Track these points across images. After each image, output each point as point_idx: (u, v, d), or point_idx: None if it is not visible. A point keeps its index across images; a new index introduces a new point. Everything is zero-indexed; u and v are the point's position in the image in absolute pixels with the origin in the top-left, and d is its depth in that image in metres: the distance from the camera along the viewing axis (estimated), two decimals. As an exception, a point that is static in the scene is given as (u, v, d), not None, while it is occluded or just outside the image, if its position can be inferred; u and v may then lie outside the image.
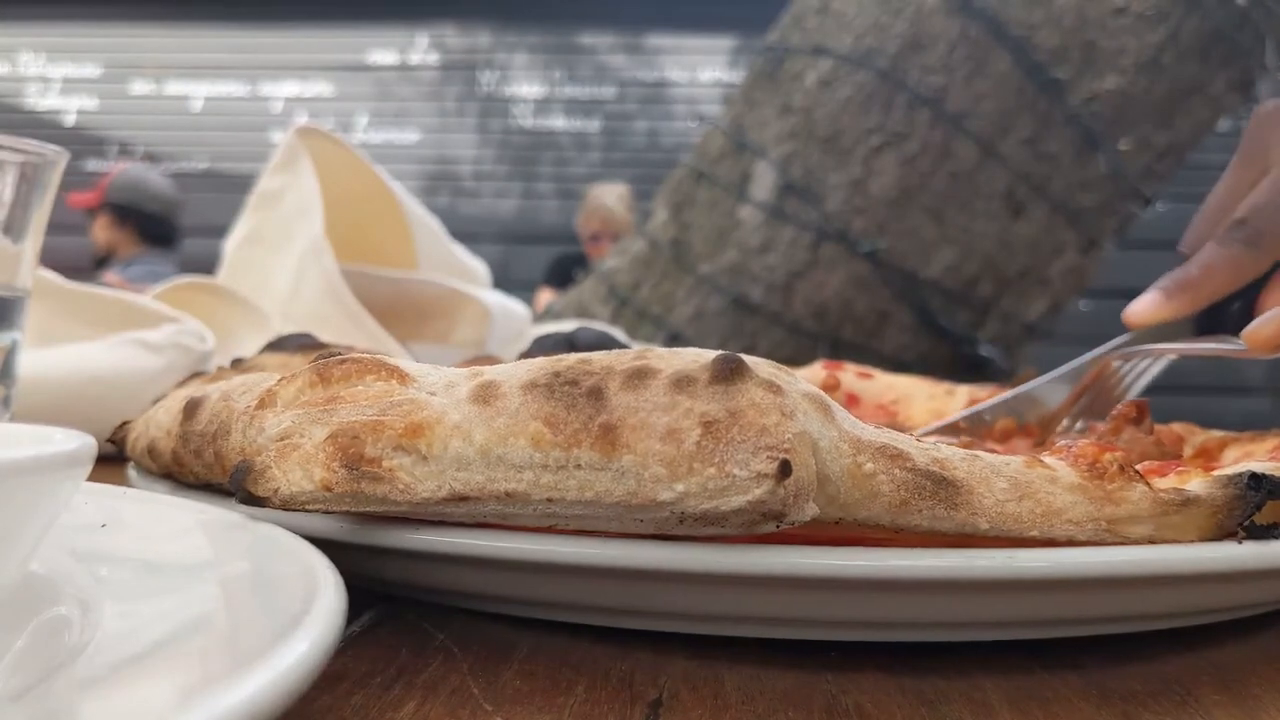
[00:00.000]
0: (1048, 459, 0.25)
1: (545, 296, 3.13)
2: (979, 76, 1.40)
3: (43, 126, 4.46)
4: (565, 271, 3.16)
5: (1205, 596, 0.26)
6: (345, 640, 0.25)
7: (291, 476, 0.24)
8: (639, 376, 0.22)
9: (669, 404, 0.21)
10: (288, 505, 0.24)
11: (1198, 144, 1.31)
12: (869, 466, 0.22)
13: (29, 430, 0.22)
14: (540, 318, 1.32)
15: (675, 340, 1.29)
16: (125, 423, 0.37)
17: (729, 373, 0.22)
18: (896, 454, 0.23)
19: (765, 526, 0.22)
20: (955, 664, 0.25)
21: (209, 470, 0.28)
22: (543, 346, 0.50)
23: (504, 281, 0.98)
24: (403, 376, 0.24)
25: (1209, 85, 1.41)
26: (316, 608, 0.18)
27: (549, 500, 0.22)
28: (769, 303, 1.49)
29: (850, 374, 0.56)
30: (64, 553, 0.23)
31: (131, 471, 0.35)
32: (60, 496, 0.19)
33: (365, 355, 0.25)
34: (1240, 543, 0.24)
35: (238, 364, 0.41)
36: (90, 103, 4.68)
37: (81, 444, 0.19)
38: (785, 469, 0.21)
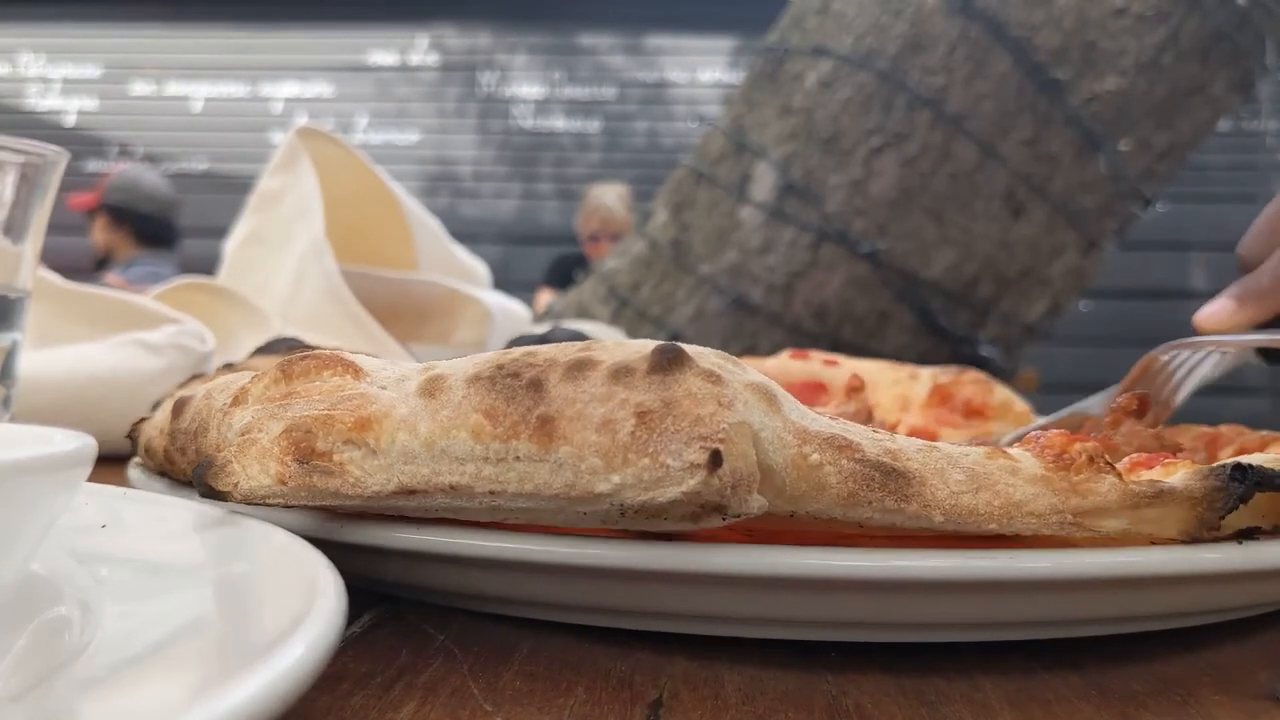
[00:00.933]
0: (1013, 450, 0.24)
1: (545, 297, 3.13)
2: (979, 77, 1.40)
3: (43, 127, 4.47)
4: (565, 272, 3.16)
5: (1205, 597, 0.26)
6: (345, 641, 0.25)
7: (250, 471, 0.24)
8: (579, 368, 0.22)
9: (606, 395, 0.21)
10: (248, 499, 0.24)
11: (1198, 145, 1.31)
12: (814, 457, 0.22)
13: (29, 431, 0.22)
14: (540, 318, 1.32)
15: (675, 340, 1.28)
16: (142, 419, 0.37)
17: (667, 363, 0.22)
18: (845, 444, 0.22)
19: (710, 520, 0.21)
20: (956, 664, 0.25)
21: (192, 466, 0.28)
22: (520, 345, 0.50)
23: (504, 282, 0.98)
24: (356, 371, 0.25)
25: (1209, 86, 1.41)
26: (316, 608, 0.18)
27: (492, 493, 0.22)
28: (769, 303, 1.49)
29: (816, 362, 0.56)
30: (64, 553, 0.23)
31: (132, 471, 0.35)
32: (61, 497, 0.19)
33: (325, 351, 0.26)
34: (1240, 544, 0.24)
35: (229, 368, 0.41)
36: (90, 103, 4.68)
37: (82, 445, 0.19)
38: (716, 459, 0.20)
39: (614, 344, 0.23)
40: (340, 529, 0.26)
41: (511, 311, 0.87)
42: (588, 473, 0.21)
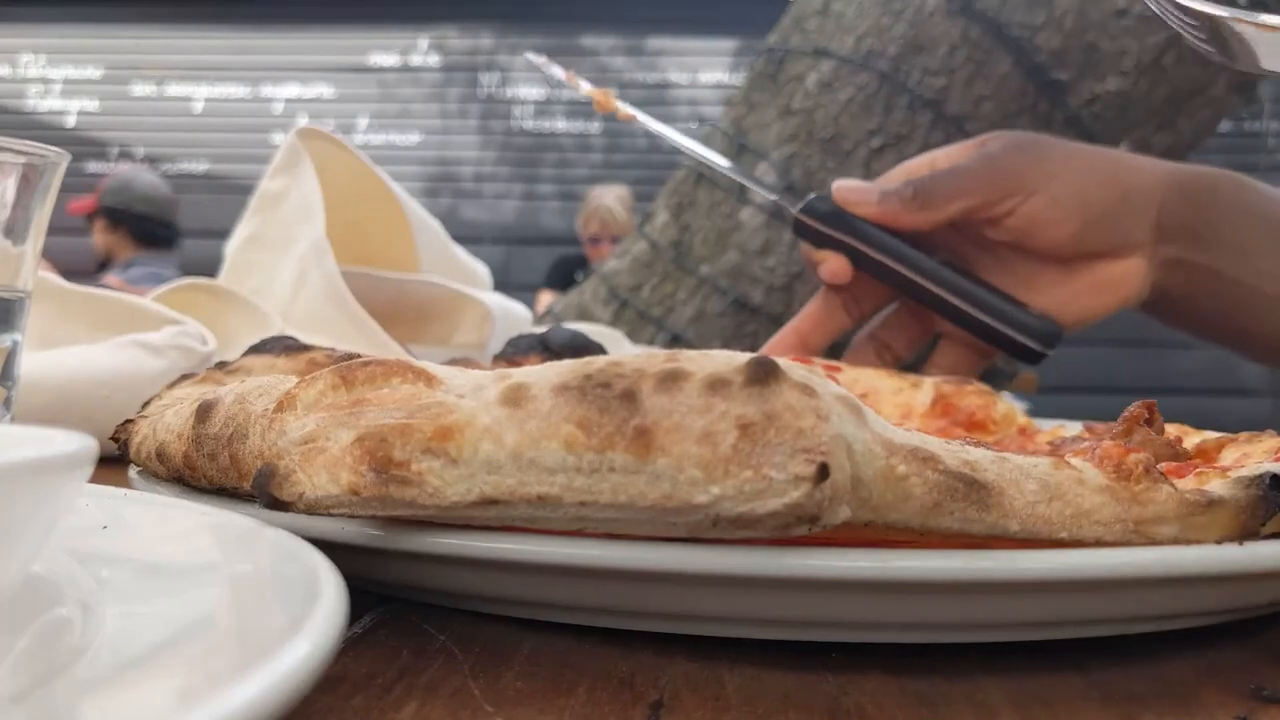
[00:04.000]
0: (1074, 460, 0.25)
1: (546, 298, 3.13)
2: (980, 78, 1.40)
3: (44, 128, 4.47)
4: (566, 273, 3.17)
5: (1206, 597, 0.26)
6: (346, 642, 0.25)
7: (317, 480, 0.24)
8: (672, 379, 0.22)
9: (704, 406, 0.21)
10: (312, 509, 0.24)
11: (1198, 146, 1.31)
12: (902, 469, 0.22)
13: (30, 432, 0.22)
14: (541, 319, 1.32)
15: (676, 342, 1.29)
16: (128, 421, 0.36)
17: (763, 375, 0.22)
18: (928, 456, 0.23)
19: (798, 529, 0.22)
20: (957, 665, 0.25)
21: (223, 474, 0.27)
22: (517, 347, 0.50)
23: (505, 283, 0.98)
24: (430, 379, 0.24)
25: (1210, 87, 1.41)
26: (318, 610, 0.18)
27: (582, 504, 0.22)
28: (770, 304, 1.48)
29: (818, 368, 0.56)
30: (66, 554, 0.23)
31: (133, 474, 0.35)
32: (62, 498, 0.19)
33: (389, 358, 0.25)
34: (1240, 544, 0.24)
35: (222, 366, 0.41)
36: (91, 105, 4.68)
37: (83, 446, 0.19)
38: (824, 472, 0.21)
39: (699, 355, 0.23)
40: (343, 531, 0.26)
41: (512, 312, 0.87)
42: (686, 484, 0.21)
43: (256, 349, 0.42)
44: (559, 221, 4.26)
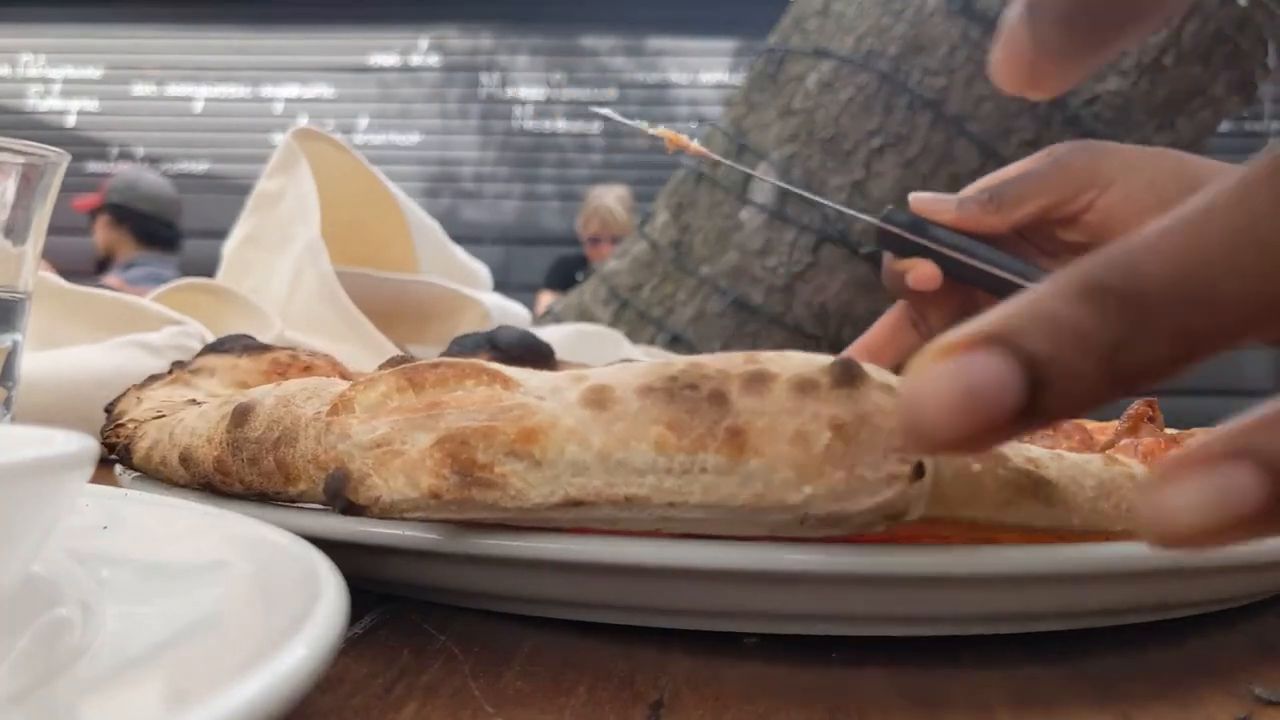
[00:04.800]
0: (1121, 458, 0.26)
1: (546, 299, 3.13)
2: (980, 78, 1.40)
3: (44, 128, 4.47)
4: (566, 273, 3.17)
5: (1201, 588, 0.27)
6: (347, 642, 0.25)
7: (393, 484, 0.23)
8: (758, 380, 0.22)
9: (794, 408, 0.21)
10: (386, 513, 0.24)
11: (1199, 146, 1.31)
12: (976, 466, 0.23)
13: (31, 433, 0.22)
14: (541, 320, 1.32)
15: (676, 342, 1.29)
16: (118, 425, 0.35)
17: (850, 377, 0.22)
18: (997, 454, 0.23)
19: (879, 527, 0.22)
20: (956, 664, 0.25)
21: (265, 478, 0.27)
22: (463, 346, 0.48)
23: (505, 284, 0.98)
24: (506, 381, 0.24)
25: (1210, 87, 1.41)
26: (318, 610, 0.18)
27: (670, 505, 0.22)
28: (770, 305, 1.49)
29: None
30: (66, 554, 0.23)
31: (127, 479, 0.34)
32: (63, 499, 0.19)
33: (459, 360, 0.25)
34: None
35: (179, 366, 0.40)
36: (91, 105, 4.68)
37: (83, 446, 0.19)
38: (919, 470, 0.21)
39: (776, 355, 0.23)
40: (344, 530, 0.26)
41: (511, 313, 0.87)
42: (780, 484, 0.21)
43: (214, 348, 0.42)
44: (559, 221, 4.26)
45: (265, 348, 0.41)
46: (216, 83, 4.67)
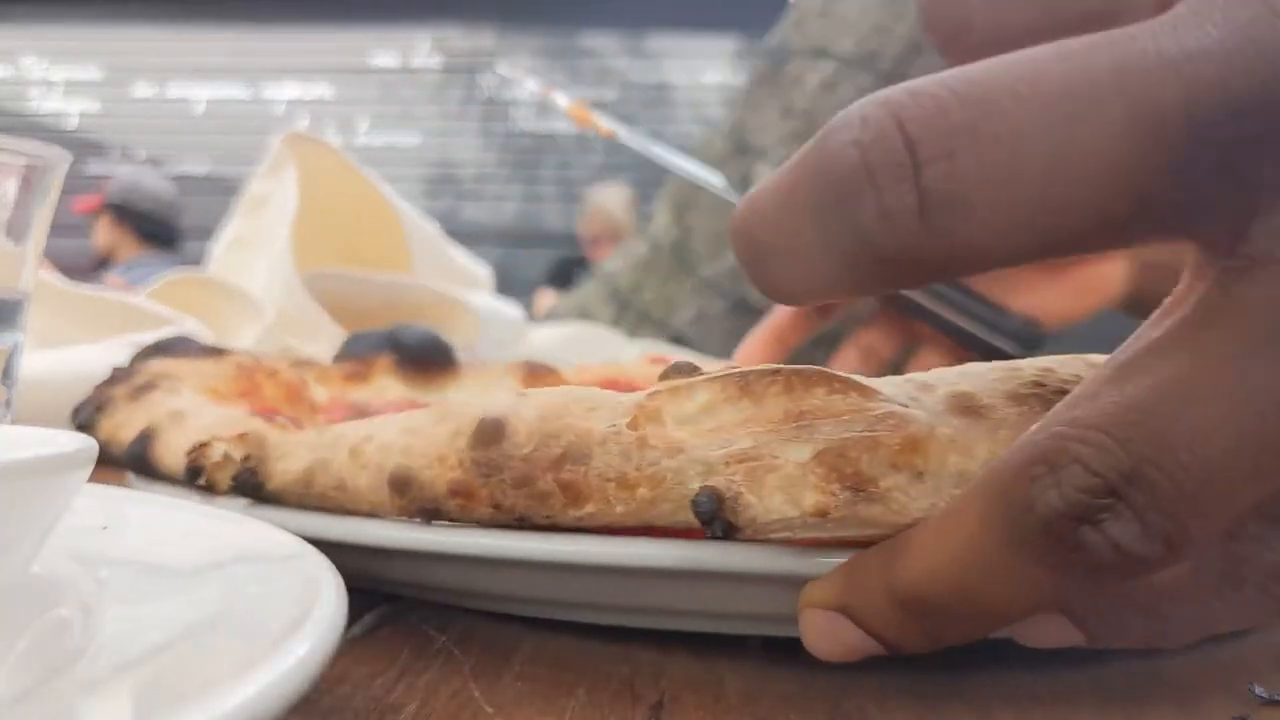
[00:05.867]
0: None
1: (546, 299, 3.13)
2: (980, 79, 1.40)
3: (45, 129, 4.47)
4: (566, 274, 3.17)
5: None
6: (346, 643, 0.25)
7: (771, 502, 0.22)
8: None
9: None
10: (760, 534, 0.22)
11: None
12: None
13: (31, 433, 0.22)
14: (541, 320, 1.32)
15: (677, 342, 1.29)
16: (201, 446, 0.30)
17: None
18: None
19: None
20: (956, 664, 0.25)
21: (538, 501, 0.24)
22: (360, 344, 0.46)
23: (505, 284, 0.98)
24: (863, 389, 0.22)
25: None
26: (317, 611, 0.18)
27: None
28: (770, 305, 1.48)
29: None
30: (65, 555, 0.23)
31: (232, 506, 0.28)
32: (62, 499, 0.19)
33: (800, 368, 0.23)
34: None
35: (128, 372, 0.39)
36: (92, 105, 4.68)
37: (83, 446, 0.19)
38: None
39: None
40: (344, 529, 0.26)
41: (501, 313, 0.87)
42: None
43: (161, 350, 0.40)
44: (559, 222, 4.26)
45: (218, 350, 0.40)
46: (217, 83, 4.67)
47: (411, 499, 0.25)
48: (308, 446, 0.28)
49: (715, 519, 0.22)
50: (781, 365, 0.23)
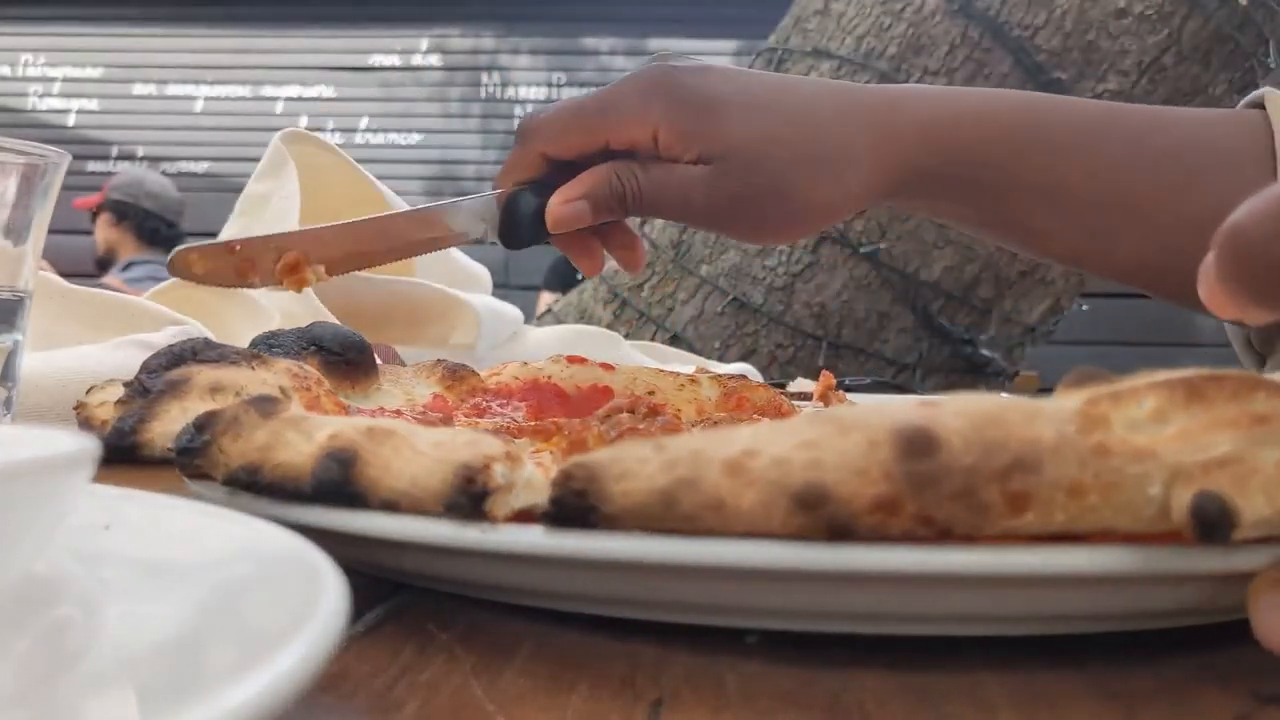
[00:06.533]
0: None
1: (546, 298, 3.13)
2: (980, 78, 1.40)
3: (44, 128, 4.47)
4: (566, 273, 3.17)
5: (1206, 596, 0.27)
6: (348, 640, 0.25)
7: (1254, 503, 0.23)
8: None
9: None
10: (1245, 535, 0.23)
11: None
12: None
13: (31, 432, 0.22)
14: (541, 320, 1.32)
15: (676, 342, 1.29)
16: (482, 467, 0.26)
17: None
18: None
19: None
20: (957, 662, 0.25)
21: (977, 513, 0.23)
22: (276, 343, 0.44)
23: (505, 284, 0.98)
24: None
25: (1211, 86, 1.41)
26: (318, 609, 0.18)
27: None
28: (770, 305, 1.49)
29: (594, 366, 0.54)
30: (67, 554, 0.23)
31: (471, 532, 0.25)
32: (64, 499, 0.19)
33: (1239, 372, 0.25)
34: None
35: (152, 376, 0.37)
36: (92, 105, 4.68)
37: (84, 446, 0.19)
38: None
39: None
40: (344, 524, 0.26)
41: (501, 313, 0.87)
42: None
43: (197, 359, 0.38)
44: (559, 221, 4.25)
45: (256, 356, 0.39)
46: (217, 83, 4.67)
47: (818, 515, 0.23)
48: (656, 465, 0.25)
49: (1218, 527, 0.22)
50: (1223, 371, 0.24)
